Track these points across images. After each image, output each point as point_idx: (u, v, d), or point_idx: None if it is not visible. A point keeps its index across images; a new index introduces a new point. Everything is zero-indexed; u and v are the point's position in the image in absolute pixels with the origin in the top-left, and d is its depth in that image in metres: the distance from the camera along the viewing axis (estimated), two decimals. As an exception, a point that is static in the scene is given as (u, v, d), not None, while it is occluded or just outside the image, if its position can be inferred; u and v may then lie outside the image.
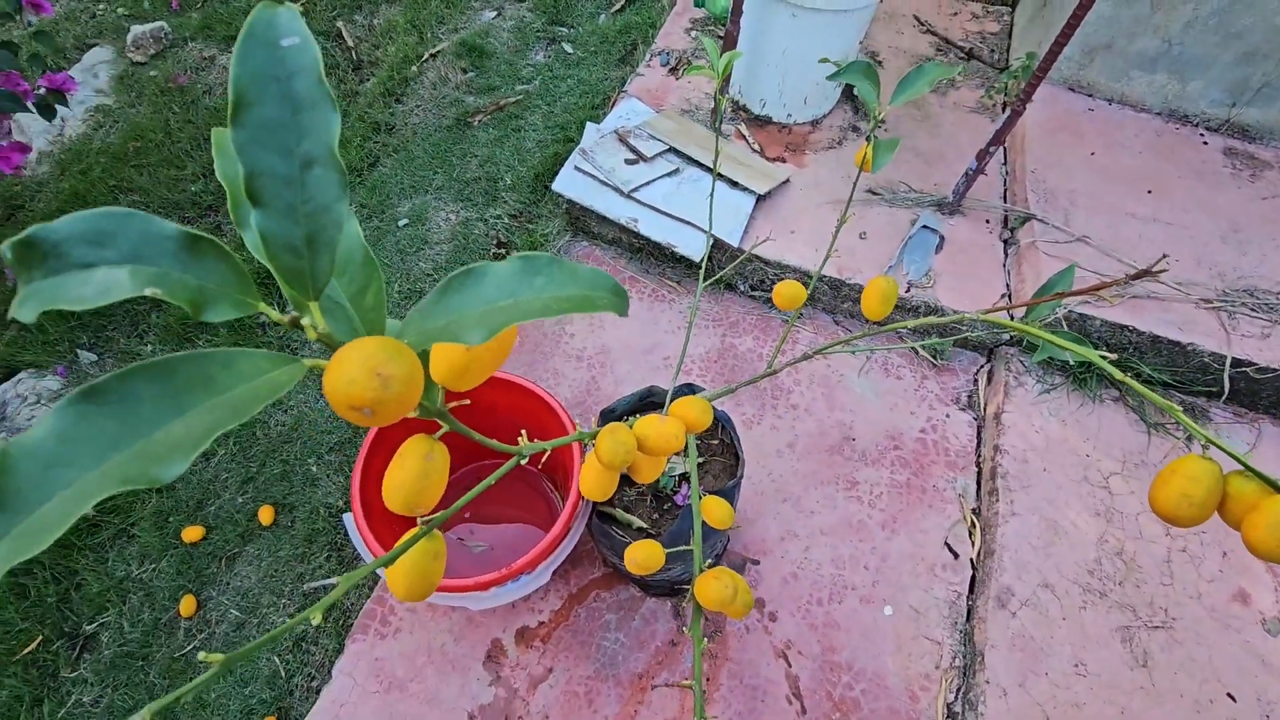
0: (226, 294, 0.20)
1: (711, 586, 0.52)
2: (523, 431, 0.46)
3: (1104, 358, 0.39)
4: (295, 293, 0.21)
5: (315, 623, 0.25)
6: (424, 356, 0.29)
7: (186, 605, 1.22)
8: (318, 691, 1.09)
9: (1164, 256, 0.41)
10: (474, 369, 0.29)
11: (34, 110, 1.45)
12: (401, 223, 1.69)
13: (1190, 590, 1.11)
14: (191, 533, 1.29)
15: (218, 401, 0.18)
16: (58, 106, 1.51)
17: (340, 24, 2.16)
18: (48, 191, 1.79)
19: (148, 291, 0.18)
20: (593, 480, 0.49)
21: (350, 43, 2.11)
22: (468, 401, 0.35)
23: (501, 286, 0.24)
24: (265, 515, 1.30)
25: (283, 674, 1.15)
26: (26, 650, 1.20)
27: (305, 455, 1.37)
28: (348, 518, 0.94)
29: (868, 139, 0.60)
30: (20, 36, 2.01)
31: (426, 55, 2.05)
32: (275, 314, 0.21)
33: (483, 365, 0.29)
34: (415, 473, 0.30)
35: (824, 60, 0.63)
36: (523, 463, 0.39)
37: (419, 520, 0.33)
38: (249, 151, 0.20)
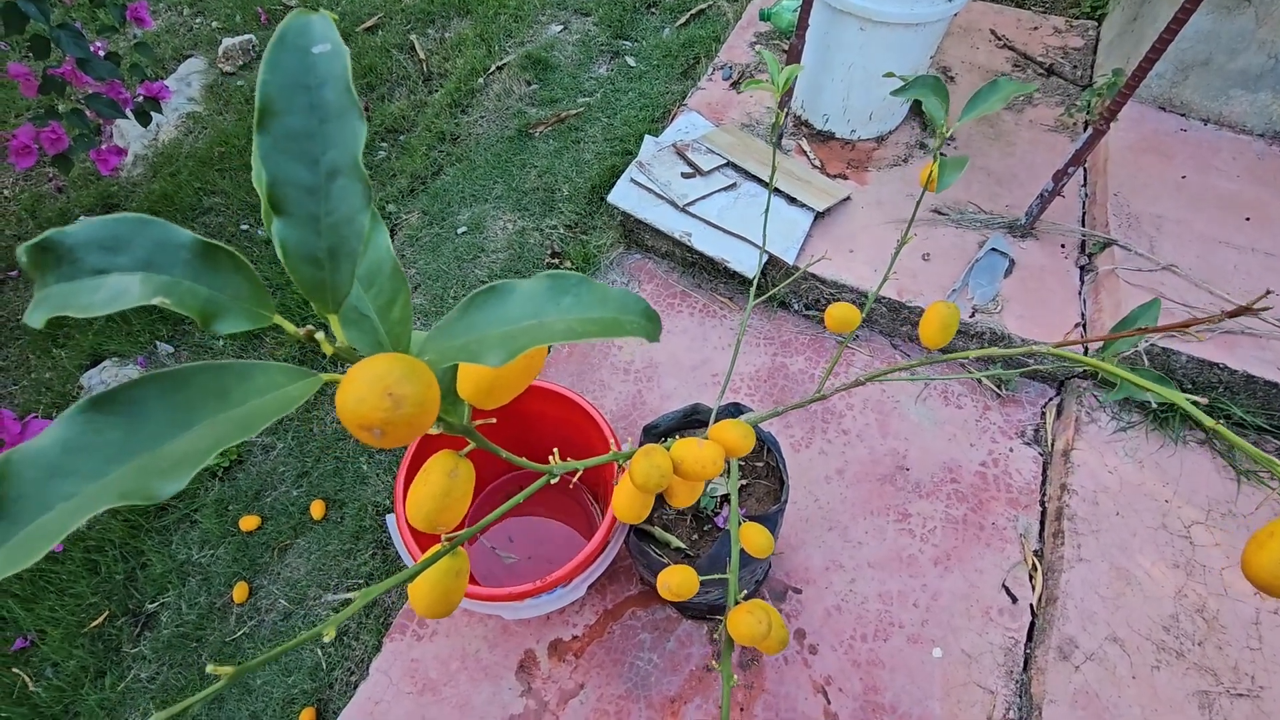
0: (239, 305, 0.20)
1: (745, 621, 0.50)
2: (554, 450, 0.45)
3: (1194, 402, 0.36)
4: (316, 304, 0.21)
5: (327, 639, 0.24)
6: (451, 372, 0.29)
7: (240, 592, 1.26)
8: (355, 687, 1.11)
9: (1268, 292, 0.37)
10: (500, 388, 0.28)
11: (132, 117, 1.56)
12: (461, 230, 1.73)
13: (1282, 657, 1.01)
14: (248, 522, 1.33)
15: (227, 416, 0.18)
16: (153, 113, 1.61)
17: (413, 37, 2.24)
18: (140, 192, 1.92)
19: (155, 301, 0.18)
20: (626, 502, 0.48)
21: (422, 55, 2.18)
22: (494, 420, 0.35)
23: (526, 306, 0.23)
24: (317, 509, 1.33)
25: (324, 667, 1.17)
26: (95, 624, 1.27)
27: (357, 453, 1.40)
28: (390, 519, 0.96)
29: (934, 157, 0.57)
30: (124, 48, 2.17)
31: (493, 68, 2.10)
32: (291, 327, 0.21)
33: (509, 385, 0.28)
34: (439, 490, 0.29)
35: (889, 75, 0.60)
36: (553, 481, 0.38)
37: (443, 537, 0.32)
38: (273, 159, 0.19)
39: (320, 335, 0.21)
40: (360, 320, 0.25)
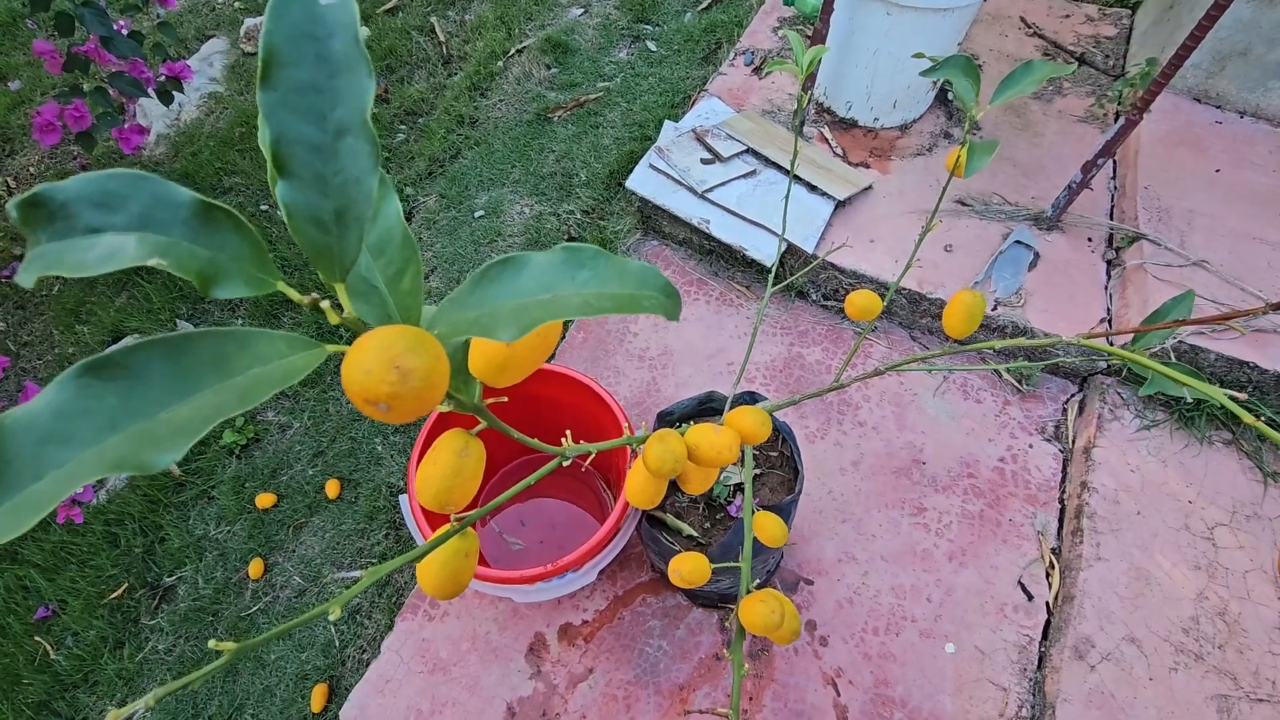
0: (240, 269, 0.19)
1: (757, 610, 0.49)
2: (567, 433, 0.44)
3: (1233, 398, 0.34)
4: (322, 271, 0.20)
5: (333, 618, 0.24)
6: (463, 348, 0.28)
7: (255, 568, 1.28)
8: (367, 664, 1.12)
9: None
10: (513, 365, 0.28)
11: (154, 96, 1.56)
12: (478, 214, 1.72)
13: (1306, 663, 0.98)
14: (264, 499, 1.35)
15: (229, 384, 0.17)
16: (175, 93, 1.62)
17: (434, 19, 2.22)
18: (162, 171, 1.93)
19: (151, 262, 0.17)
20: (639, 487, 0.47)
21: (442, 38, 2.17)
22: (505, 399, 0.34)
23: (540, 279, 0.22)
24: (332, 489, 1.35)
25: (337, 644, 1.19)
26: (114, 595, 1.29)
27: (372, 434, 1.41)
28: (403, 499, 0.96)
29: (964, 139, 0.55)
30: (147, 28, 2.18)
31: (513, 51, 2.08)
32: (295, 294, 0.20)
33: (522, 362, 0.28)
34: (448, 469, 0.28)
35: (918, 55, 0.58)
36: (565, 464, 0.37)
37: (452, 518, 0.32)
38: (277, 116, 0.19)
39: (326, 304, 0.20)
40: (369, 291, 0.24)
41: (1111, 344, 1.21)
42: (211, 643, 0.21)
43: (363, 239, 0.20)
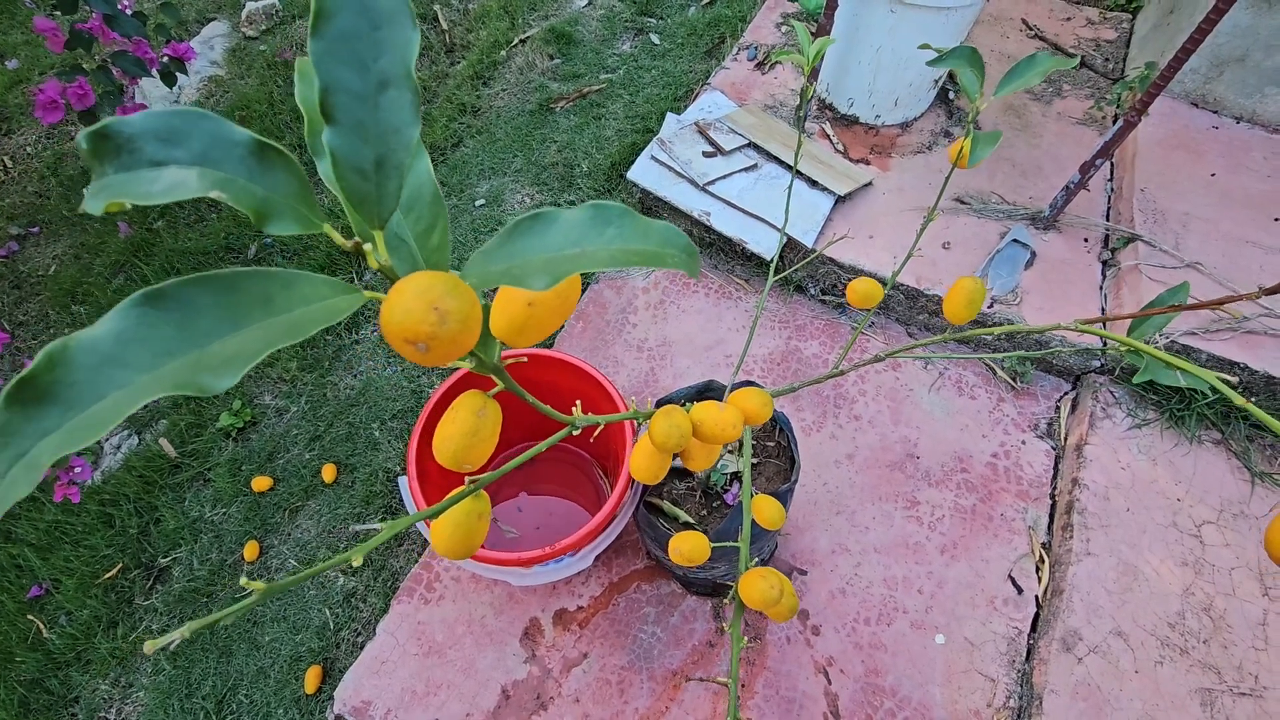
0: (290, 207, 0.20)
1: (757, 585, 0.50)
2: (577, 402, 0.45)
3: (1223, 379, 0.35)
4: (360, 219, 0.21)
5: (355, 564, 0.24)
6: (485, 311, 0.29)
7: (250, 550, 1.28)
8: (361, 647, 1.13)
9: (1307, 272, 0.36)
10: (533, 326, 0.28)
11: (156, 77, 1.56)
12: (479, 203, 1.73)
13: (1287, 658, 1.00)
14: (260, 482, 1.35)
15: (276, 320, 0.18)
16: (177, 74, 1.61)
17: (437, 8, 2.22)
18: (161, 153, 1.92)
19: (213, 194, 0.18)
20: (643, 462, 0.48)
21: (445, 26, 2.16)
22: (525, 359, 0.35)
23: (569, 234, 0.23)
24: (328, 473, 1.35)
25: (331, 626, 1.19)
26: (108, 575, 1.29)
27: (370, 419, 1.41)
28: (402, 481, 0.96)
29: (967, 130, 0.56)
30: (149, 9, 2.16)
31: (516, 40, 2.08)
32: (339, 238, 0.21)
33: (542, 323, 0.28)
34: (467, 427, 0.29)
35: (924, 46, 0.59)
36: (575, 433, 0.38)
37: (466, 479, 0.32)
38: (325, 65, 0.19)
39: (367, 247, 0.21)
40: (399, 246, 0.25)
41: (1108, 330, 1.22)
42: (243, 580, 0.22)
43: (400, 188, 0.21)
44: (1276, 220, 1.36)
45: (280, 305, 0.19)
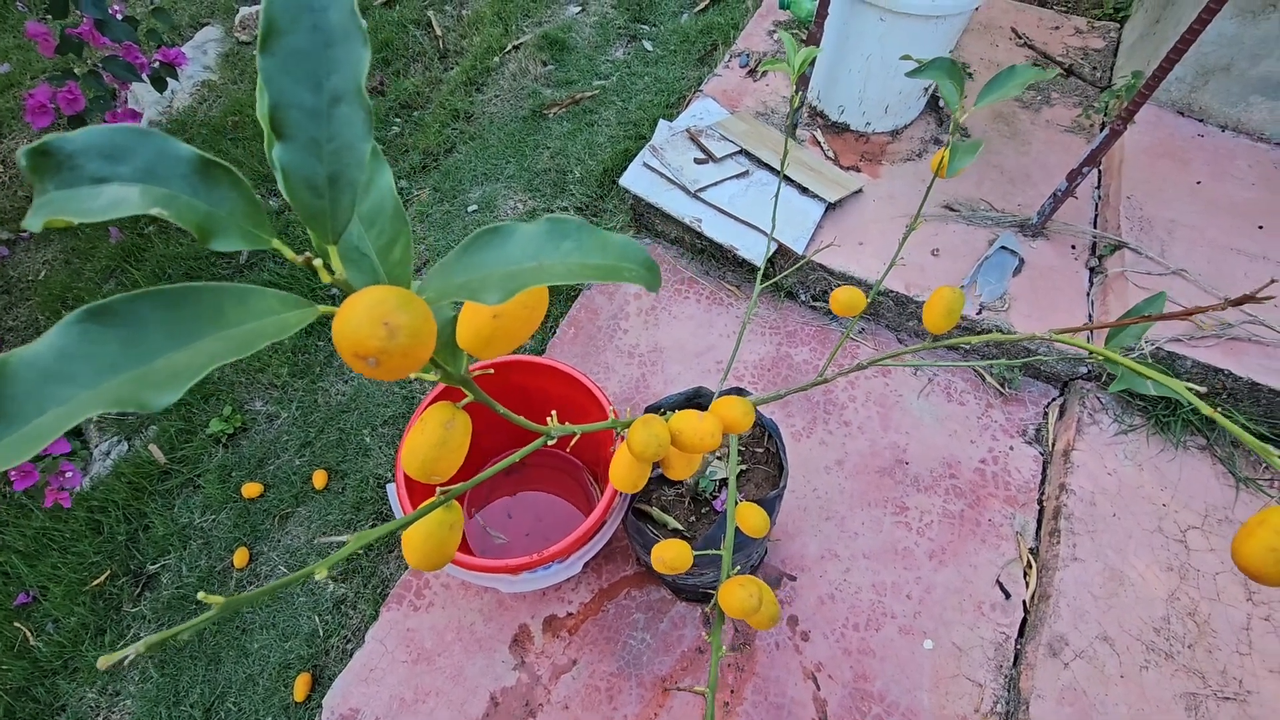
0: (236, 224, 0.20)
1: (736, 594, 0.50)
2: (553, 412, 0.45)
3: (1192, 389, 0.35)
4: (315, 234, 0.21)
5: (319, 577, 0.25)
6: (452, 322, 0.29)
7: (240, 557, 1.28)
8: (351, 654, 1.12)
9: (1272, 281, 0.37)
10: (499, 337, 0.29)
11: (148, 82, 1.56)
12: (471, 208, 1.73)
13: (1271, 662, 1.01)
14: (251, 489, 1.35)
15: (225, 334, 0.18)
16: (168, 79, 1.61)
17: (431, 13, 2.23)
18: (153, 158, 1.92)
19: (153, 211, 0.18)
20: (623, 471, 0.48)
21: (439, 32, 2.17)
22: (491, 370, 0.35)
23: (526, 248, 0.23)
24: (319, 479, 1.34)
25: (321, 633, 1.19)
26: (96, 582, 1.28)
27: (360, 426, 1.41)
28: (391, 488, 0.96)
29: (949, 141, 0.57)
30: (141, 14, 2.17)
31: (509, 47, 2.09)
32: (290, 253, 0.21)
33: (508, 335, 0.29)
34: (435, 439, 0.29)
35: (905, 57, 0.60)
36: (550, 443, 0.38)
37: (437, 490, 0.33)
38: (276, 81, 0.19)
39: (318, 263, 0.21)
40: (360, 259, 0.25)
41: (1091, 339, 1.23)
42: (201, 595, 0.22)
43: (354, 203, 0.21)
44: (1260, 228, 1.37)
45: (231, 319, 0.19)
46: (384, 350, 0.19)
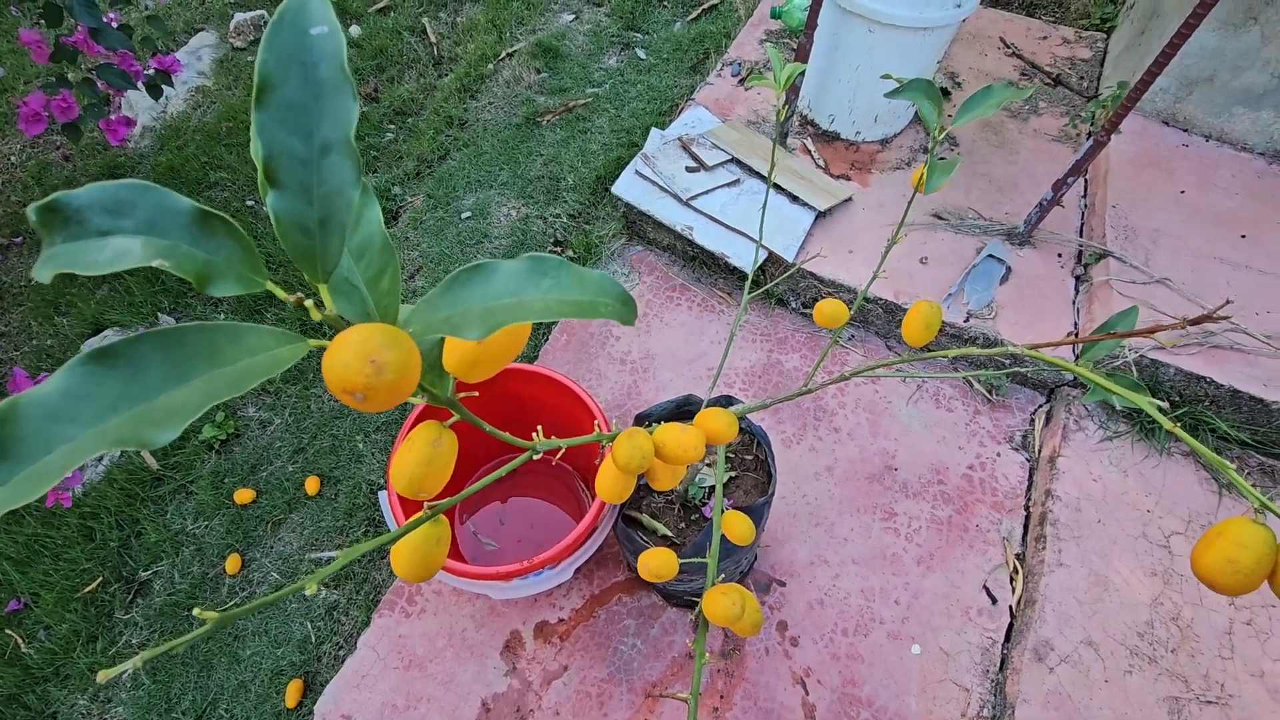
0: (233, 270, 0.21)
1: (719, 602, 0.51)
2: (538, 428, 0.46)
3: (1155, 405, 0.37)
4: (306, 273, 0.22)
5: (309, 593, 0.26)
6: (437, 346, 0.30)
7: (232, 563, 1.28)
8: (343, 661, 1.13)
9: (1228, 302, 0.38)
10: (483, 362, 0.30)
11: (142, 89, 1.56)
12: (465, 215, 1.74)
13: (1252, 667, 1.02)
14: (243, 495, 1.35)
15: (220, 372, 0.19)
16: (163, 86, 1.62)
17: (425, 20, 2.24)
18: (147, 164, 1.92)
19: (155, 263, 0.19)
20: (608, 483, 0.49)
21: (433, 39, 2.18)
22: (476, 394, 0.36)
23: (507, 285, 0.25)
24: (311, 485, 1.35)
25: (313, 640, 1.19)
26: (88, 589, 1.28)
27: (354, 432, 1.42)
28: (383, 495, 0.97)
29: (928, 159, 0.58)
30: (136, 20, 2.17)
31: (503, 54, 2.10)
32: (281, 293, 0.22)
33: (493, 358, 0.30)
34: (422, 457, 0.30)
35: (886, 76, 0.61)
36: (535, 457, 0.39)
37: (424, 505, 0.34)
38: (269, 132, 0.21)
39: (309, 302, 0.22)
40: (350, 291, 0.26)
41: (1076, 353, 1.24)
42: (196, 610, 0.23)
43: (344, 245, 0.22)
44: (1244, 237, 1.40)
45: (226, 357, 0.20)
46: (370, 386, 0.20)
